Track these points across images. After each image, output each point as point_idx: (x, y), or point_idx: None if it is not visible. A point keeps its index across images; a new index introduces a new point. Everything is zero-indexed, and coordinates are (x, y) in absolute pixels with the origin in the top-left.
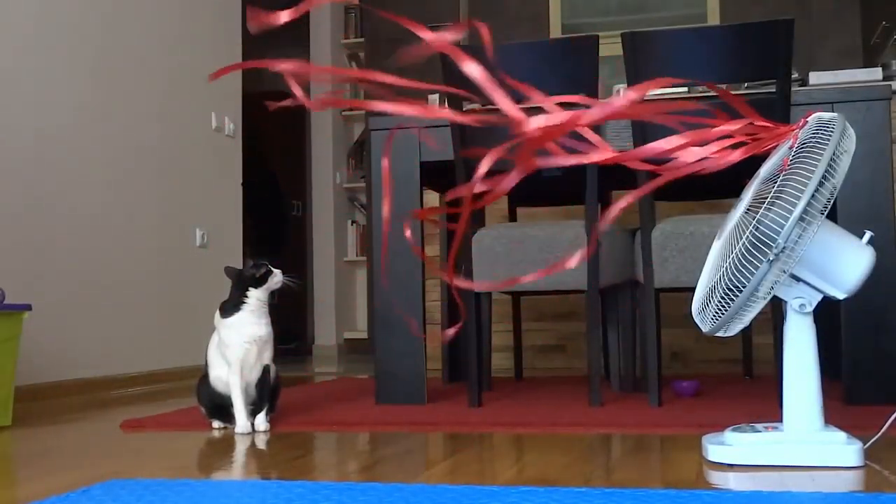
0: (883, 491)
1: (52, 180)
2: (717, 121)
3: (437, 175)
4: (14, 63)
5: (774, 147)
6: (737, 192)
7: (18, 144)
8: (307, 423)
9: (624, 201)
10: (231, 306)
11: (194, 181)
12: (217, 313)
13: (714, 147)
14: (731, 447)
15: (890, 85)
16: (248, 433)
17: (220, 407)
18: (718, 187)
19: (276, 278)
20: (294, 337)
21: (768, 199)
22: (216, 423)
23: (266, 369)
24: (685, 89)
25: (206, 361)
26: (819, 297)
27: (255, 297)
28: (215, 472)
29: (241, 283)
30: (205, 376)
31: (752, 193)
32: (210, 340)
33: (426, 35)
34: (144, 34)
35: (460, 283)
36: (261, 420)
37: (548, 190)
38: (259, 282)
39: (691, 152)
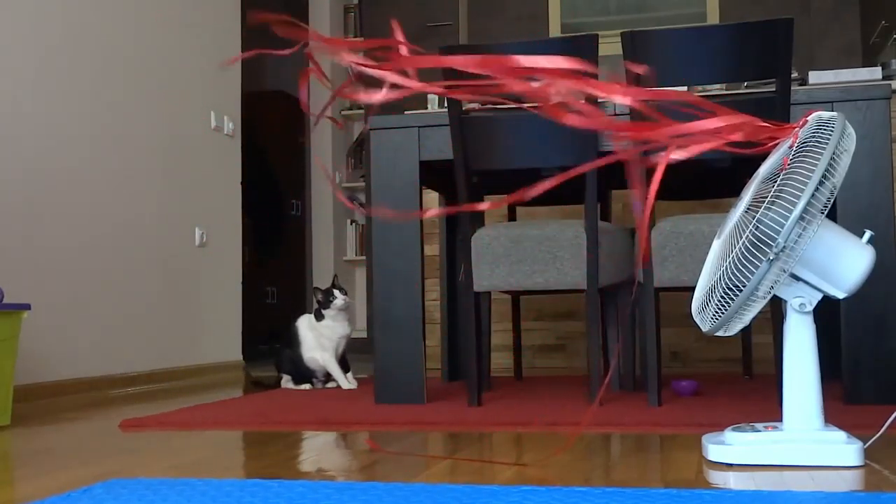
0: (883, 490)
1: (51, 180)
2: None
3: (437, 175)
4: (13, 64)
5: (775, 146)
6: (737, 192)
7: (18, 144)
8: (307, 422)
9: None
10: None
11: (194, 180)
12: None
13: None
14: (730, 447)
15: (890, 84)
16: (353, 387)
17: (307, 374)
18: (718, 187)
19: (338, 301)
20: None
21: (768, 199)
22: (305, 386)
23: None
24: (684, 89)
25: (300, 344)
26: (819, 296)
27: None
28: (216, 472)
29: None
30: (295, 355)
31: (752, 193)
32: (303, 331)
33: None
34: (144, 34)
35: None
36: (350, 378)
37: (547, 189)
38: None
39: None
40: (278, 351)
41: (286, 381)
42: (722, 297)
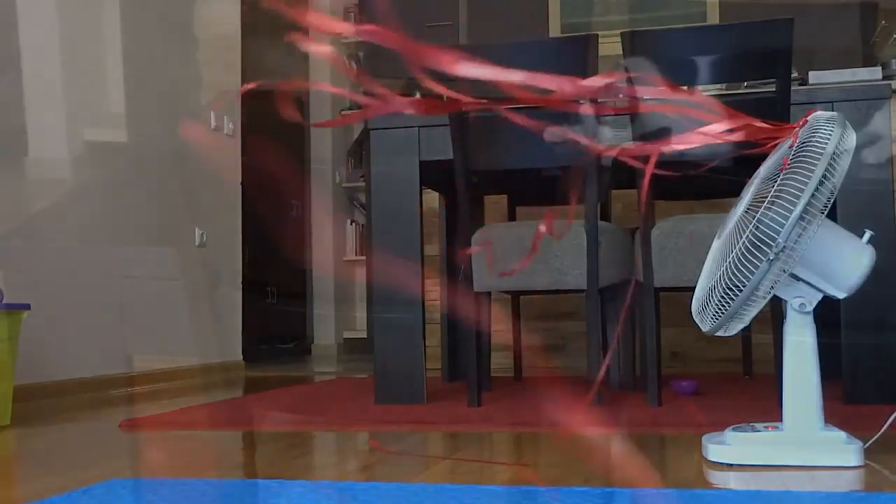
0: (882, 490)
1: (51, 180)
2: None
3: (437, 175)
4: (12, 64)
5: (775, 146)
6: (737, 192)
7: (17, 144)
8: (307, 422)
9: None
10: None
11: (194, 180)
12: None
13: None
14: (731, 447)
15: (890, 84)
16: None
17: None
18: (718, 187)
19: None
20: (293, 336)
21: (768, 199)
22: None
23: None
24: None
25: None
26: (819, 296)
27: None
28: (215, 472)
29: None
30: None
31: (752, 193)
32: None
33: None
34: (143, 34)
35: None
36: None
37: (547, 189)
38: None
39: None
40: None
41: None
42: (722, 297)
